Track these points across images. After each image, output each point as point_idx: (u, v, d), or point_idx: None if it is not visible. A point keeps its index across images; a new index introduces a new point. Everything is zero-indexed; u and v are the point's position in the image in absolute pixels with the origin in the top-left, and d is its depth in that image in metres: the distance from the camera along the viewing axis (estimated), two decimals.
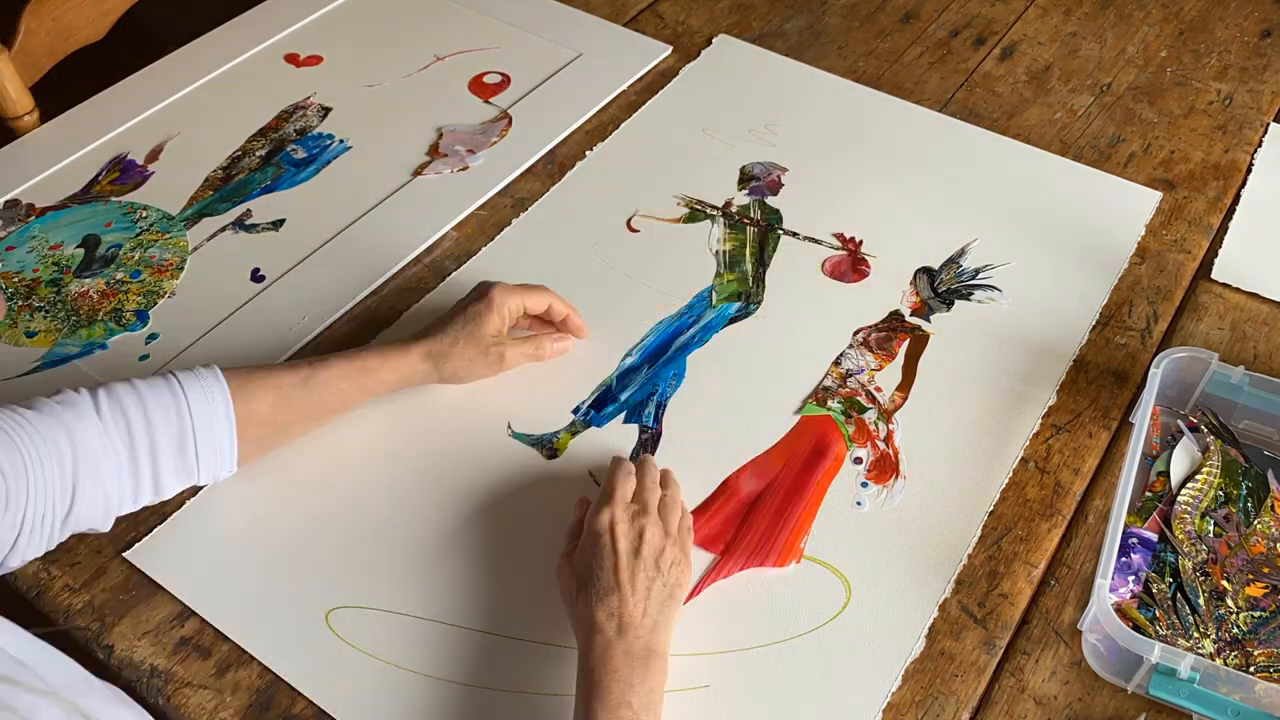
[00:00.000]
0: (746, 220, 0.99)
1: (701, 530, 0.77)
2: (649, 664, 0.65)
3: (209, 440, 0.71)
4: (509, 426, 0.83)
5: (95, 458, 0.67)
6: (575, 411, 0.84)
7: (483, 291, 0.82)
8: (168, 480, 0.71)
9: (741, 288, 0.93)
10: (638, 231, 0.98)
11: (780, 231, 0.98)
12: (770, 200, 1.01)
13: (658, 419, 0.83)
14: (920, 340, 0.89)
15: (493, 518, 0.78)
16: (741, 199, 1.01)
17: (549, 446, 0.82)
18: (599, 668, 0.64)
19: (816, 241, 0.97)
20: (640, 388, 0.85)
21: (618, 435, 0.83)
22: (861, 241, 0.97)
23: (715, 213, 1.00)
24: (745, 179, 1.03)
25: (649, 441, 0.82)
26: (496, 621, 0.72)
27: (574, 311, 0.86)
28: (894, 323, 0.91)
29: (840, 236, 0.97)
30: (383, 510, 0.78)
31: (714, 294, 0.93)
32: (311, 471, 0.80)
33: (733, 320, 0.91)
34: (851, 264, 0.95)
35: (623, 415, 0.84)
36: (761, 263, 0.95)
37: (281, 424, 0.76)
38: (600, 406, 0.84)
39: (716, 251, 0.96)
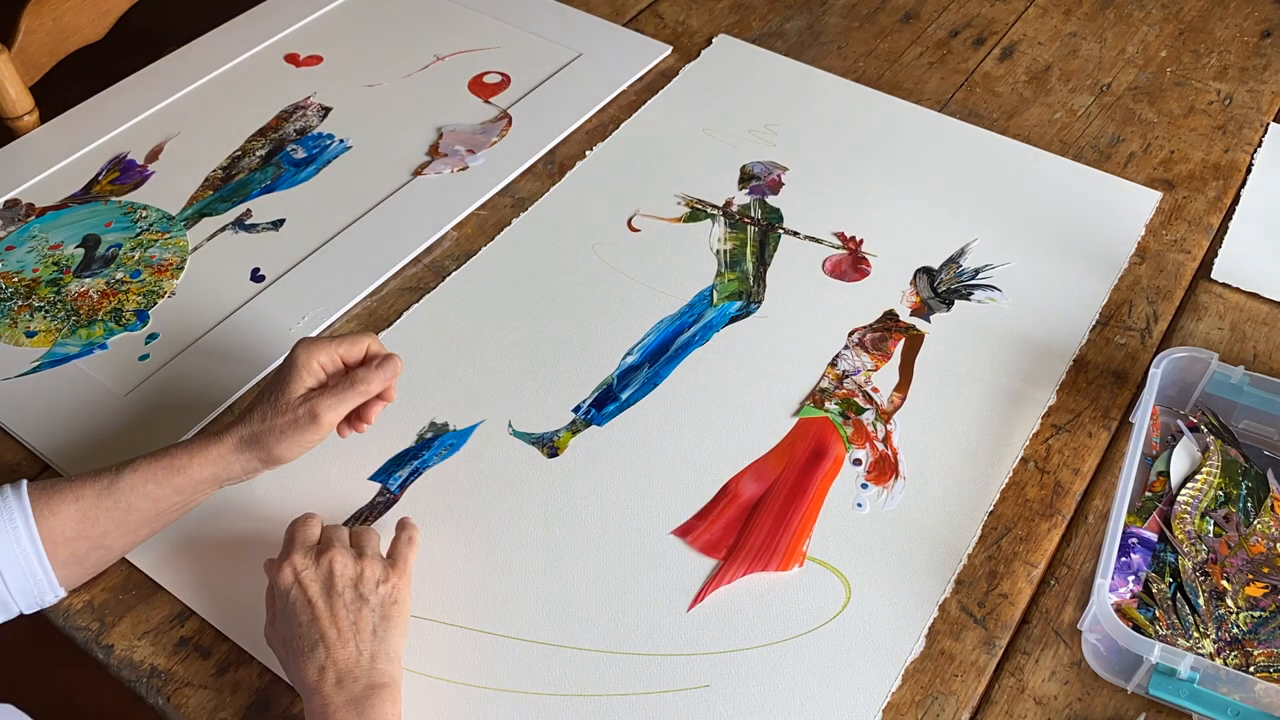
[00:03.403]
0: (747, 220, 0.99)
1: (702, 536, 0.77)
2: (374, 700, 0.62)
3: (16, 567, 0.66)
4: (509, 425, 0.83)
5: None
6: (576, 410, 0.84)
7: (289, 355, 0.73)
8: None
9: (742, 287, 0.93)
10: (638, 231, 0.98)
11: (781, 231, 0.98)
12: (771, 200, 1.01)
13: (404, 485, 0.79)
14: (915, 340, 0.89)
15: (493, 517, 0.78)
16: (742, 198, 1.01)
17: (550, 445, 0.82)
18: None
19: (817, 241, 0.97)
20: (641, 387, 0.85)
21: (618, 434, 0.82)
22: (862, 241, 0.97)
23: (716, 212, 1.00)
24: (746, 178, 1.03)
25: (381, 506, 0.78)
26: (496, 622, 0.72)
27: (391, 364, 0.74)
28: (888, 322, 0.90)
29: (841, 236, 0.97)
30: None
31: (715, 293, 0.93)
32: (311, 471, 0.80)
33: (734, 319, 0.91)
34: (852, 263, 0.95)
35: (378, 467, 0.79)
36: (762, 262, 0.95)
37: (94, 538, 0.69)
38: (601, 405, 0.84)
39: (717, 251, 0.96)
